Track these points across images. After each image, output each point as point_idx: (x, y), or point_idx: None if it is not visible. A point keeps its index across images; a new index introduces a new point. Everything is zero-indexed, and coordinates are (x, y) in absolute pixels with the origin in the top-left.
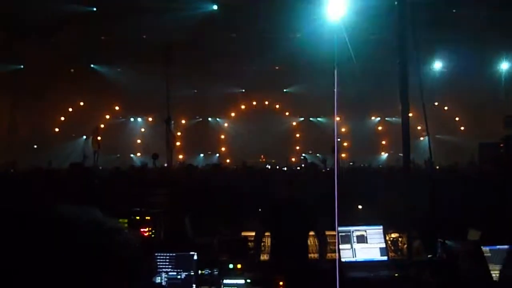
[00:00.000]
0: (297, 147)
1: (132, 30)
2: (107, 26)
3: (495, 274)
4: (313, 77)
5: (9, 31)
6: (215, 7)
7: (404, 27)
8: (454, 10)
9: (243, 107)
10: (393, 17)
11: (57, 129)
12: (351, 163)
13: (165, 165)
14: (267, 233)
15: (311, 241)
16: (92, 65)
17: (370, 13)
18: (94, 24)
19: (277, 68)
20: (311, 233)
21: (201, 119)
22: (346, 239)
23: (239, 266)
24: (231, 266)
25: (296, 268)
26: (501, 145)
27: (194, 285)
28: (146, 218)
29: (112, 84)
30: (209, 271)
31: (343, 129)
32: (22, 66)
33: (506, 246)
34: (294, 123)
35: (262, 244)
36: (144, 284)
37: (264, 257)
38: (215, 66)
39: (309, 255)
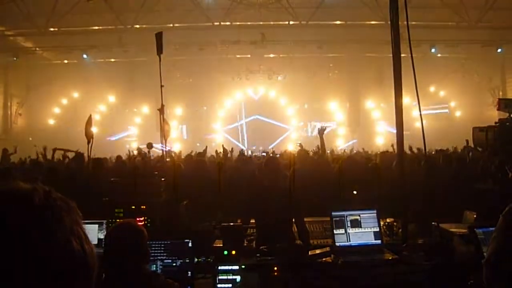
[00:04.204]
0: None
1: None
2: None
3: None
4: (307, 64)
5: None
6: None
7: (396, 8)
8: None
9: (238, 95)
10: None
11: (52, 121)
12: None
13: (159, 154)
14: (252, 220)
15: (295, 228)
16: (84, 56)
17: None
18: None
19: (271, 55)
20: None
21: (197, 108)
22: (340, 223)
23: (233, 252)
24: (226, 252)
25: (286, 255)
26: (495, 128)
27: (189, 272)
28: (142, 207)
29: (106, 75)
30: (205, 258)
31: (338, 115)
32: (15, 58)
33: None
34: (290, 110)
35: (254, 231)
36: None
37: (253, 244)
38: (209, 54)
39: (297, 241)
